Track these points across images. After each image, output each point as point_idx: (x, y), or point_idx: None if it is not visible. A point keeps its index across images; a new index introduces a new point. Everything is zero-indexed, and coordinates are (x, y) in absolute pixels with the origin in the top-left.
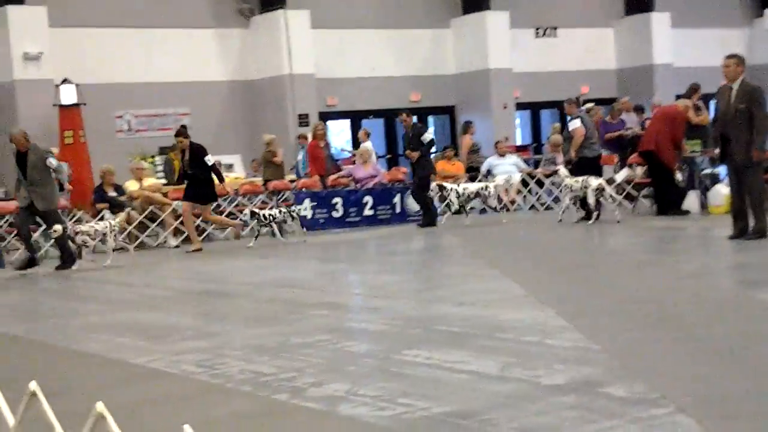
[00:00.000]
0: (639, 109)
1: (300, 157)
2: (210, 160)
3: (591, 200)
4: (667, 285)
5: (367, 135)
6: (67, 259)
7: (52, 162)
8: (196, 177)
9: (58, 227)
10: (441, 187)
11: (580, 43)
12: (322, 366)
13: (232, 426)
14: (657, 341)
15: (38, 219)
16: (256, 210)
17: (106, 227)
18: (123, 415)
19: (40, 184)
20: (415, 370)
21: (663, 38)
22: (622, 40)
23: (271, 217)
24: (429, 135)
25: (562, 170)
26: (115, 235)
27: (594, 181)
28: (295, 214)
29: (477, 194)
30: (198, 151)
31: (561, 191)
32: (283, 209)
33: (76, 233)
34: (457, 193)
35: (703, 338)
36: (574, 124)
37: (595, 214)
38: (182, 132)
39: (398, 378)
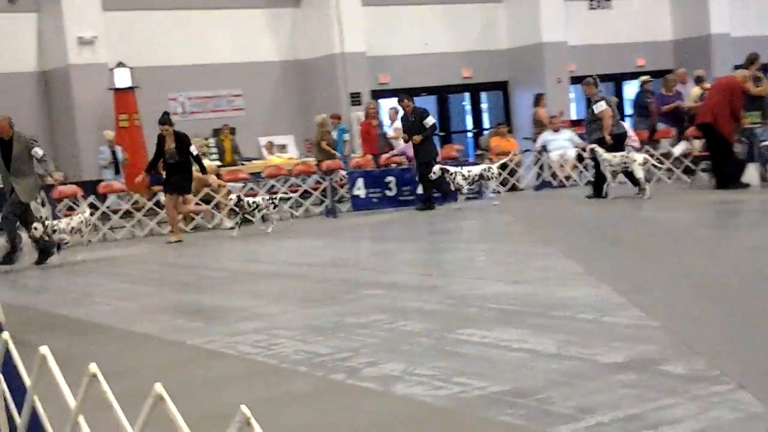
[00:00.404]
0: (700, 80)
1: (334, 134)
2: (194, 149)
3: (640, 174)
4: (727, 260)
5: (397, 113)
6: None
7: (38, 151)
8: (181, 166)
9: (38, 225)
10: (444, 170)
11: (636, 14)
12: (378, 346)
13: (288, 406)
14: (716, 317)
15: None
16: (242, 197)
17: (81, 222)
18: (181, 396)
19: (22, 175)
20: (471, 349)
21: (720, 7)
22: (678, 10)
23: (254, 204)
24: (431, 119)
25: (598, 147)
26: (89, 229)
27: (639, 156)
28: (277, 202)
29: (481, 176)
30: (183, 140)
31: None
32: (266, 197)
33: (54, 231)
34: (463, 176)
35: (764, 314)
36: (600, 107)
37: (647, 186)
38: (166, 120)
39: (454, 357)
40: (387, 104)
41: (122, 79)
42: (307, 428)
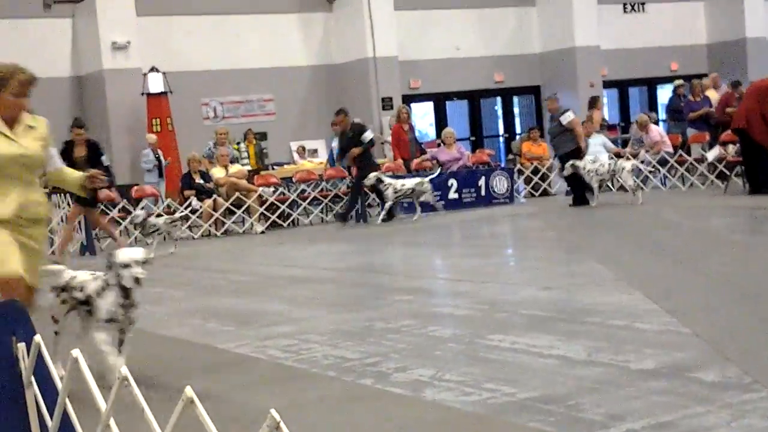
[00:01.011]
0: (736, 85)
1: (334, 144)
2: (105, 160)
3: (630, 182)
4: (760, 266)
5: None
6: None
7: None
8: None
9: None
10: (379, 180)
11: (670, 17)
12: (407, 351)
13: (317, 411)
14: (750, 324)
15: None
16: (147, 217)
17: None
18: (211, 400)
19: None
20: (501, 355)
21: (756, 11)
22: (713, 14)
23: (154, 227)
24: (369, 134)
25: (578, 162)
26: None
27: (627, 163)
28: (178, 224)
29: (413, 190)
30: (94, 148)
31: (591, 178)
32: (167, 219)
33: None
34: (395, 189)
35: None
36: (569, 117)
37: (639, 193)
38: (80, 123)
39: (483, 363)
40: (418, 109)
41: (155, 84)
42: None
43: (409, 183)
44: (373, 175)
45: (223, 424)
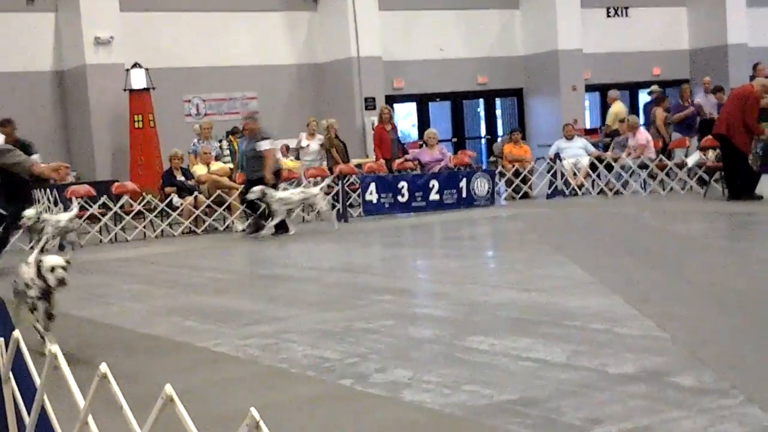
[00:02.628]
0: (717, 90)
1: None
2: None
3: (323, 206)
4: (739, 271)
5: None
6: None
7: None
8: None
9: None
10: (38, 217)
11: (653, 22)
12: (387, 351)
13: (296, 410)
14: (728, 330)
15: None
16: None
17: None
18: (190, 398)
19: None
20: (480, 357)
21: (738, 17)
22: (696, 20)
23: None
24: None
25: (269, 189)
26: None
27: (315, 189)
28: None
29: (66, 230)
30: None
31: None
32: None
33: None
34: (53, 225)
35: None
36: (265, 145)
37: (334, 219)
38: None
39: (463, 365)
40: (401, 109)
41: (138, 80)
42: None
43: (64, 219)
44: (31, 212)
45: (203, 422)
